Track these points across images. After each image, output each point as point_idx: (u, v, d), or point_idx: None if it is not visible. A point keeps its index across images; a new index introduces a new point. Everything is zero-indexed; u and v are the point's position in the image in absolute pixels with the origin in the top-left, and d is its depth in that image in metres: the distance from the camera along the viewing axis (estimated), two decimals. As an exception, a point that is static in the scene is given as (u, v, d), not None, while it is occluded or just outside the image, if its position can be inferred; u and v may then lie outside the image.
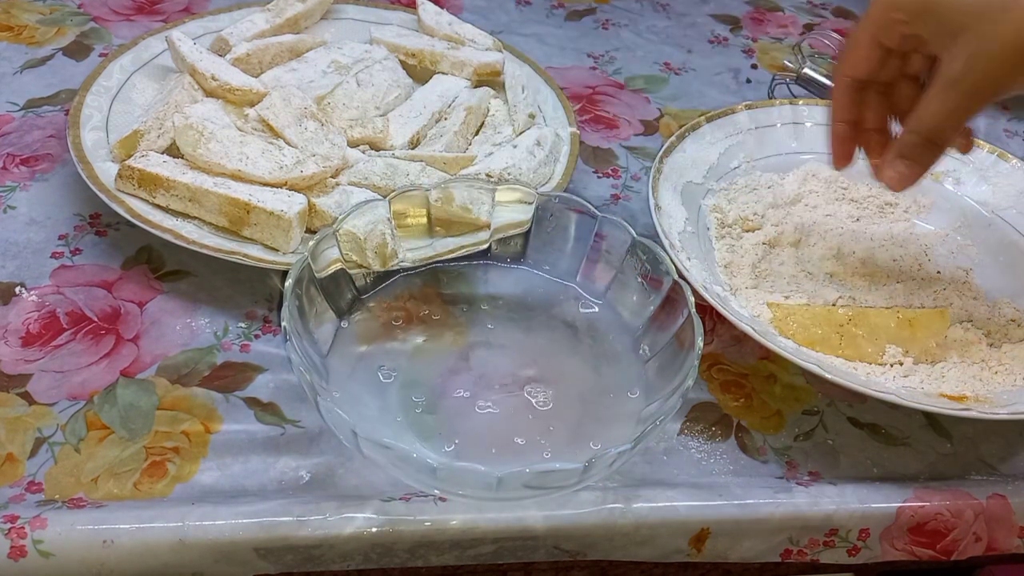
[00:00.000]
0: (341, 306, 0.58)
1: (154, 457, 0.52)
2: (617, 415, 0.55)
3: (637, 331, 0.59)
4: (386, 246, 0.59)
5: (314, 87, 0.71)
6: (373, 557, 0.51)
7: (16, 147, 0.69)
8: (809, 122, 0.77)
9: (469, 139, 0.71)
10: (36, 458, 0.51)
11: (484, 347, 0.58)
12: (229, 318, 0.60)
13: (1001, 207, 0.74)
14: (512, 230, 0.62)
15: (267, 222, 0.59)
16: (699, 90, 0.88)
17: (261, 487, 0.52)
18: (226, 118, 0.67)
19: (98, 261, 0.62)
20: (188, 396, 0.55)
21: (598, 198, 0.74)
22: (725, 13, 1.00)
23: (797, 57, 0.88)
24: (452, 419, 0.53)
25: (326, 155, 0.65)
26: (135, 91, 0.70)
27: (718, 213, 0.69)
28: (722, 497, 0.54)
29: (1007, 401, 0.58)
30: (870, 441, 0.59)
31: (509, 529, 0.51)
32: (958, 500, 0.56)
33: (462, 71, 0.75)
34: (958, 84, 0.54)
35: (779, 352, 0.57)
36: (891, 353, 0.60)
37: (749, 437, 0.58)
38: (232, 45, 0.73)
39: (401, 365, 0.56)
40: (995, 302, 0.67)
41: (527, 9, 0.95)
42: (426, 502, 0.51)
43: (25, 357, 0.56)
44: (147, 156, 0.62)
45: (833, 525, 0.55)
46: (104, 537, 0.47)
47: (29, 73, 0.77)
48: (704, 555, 0.54)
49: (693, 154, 0.71)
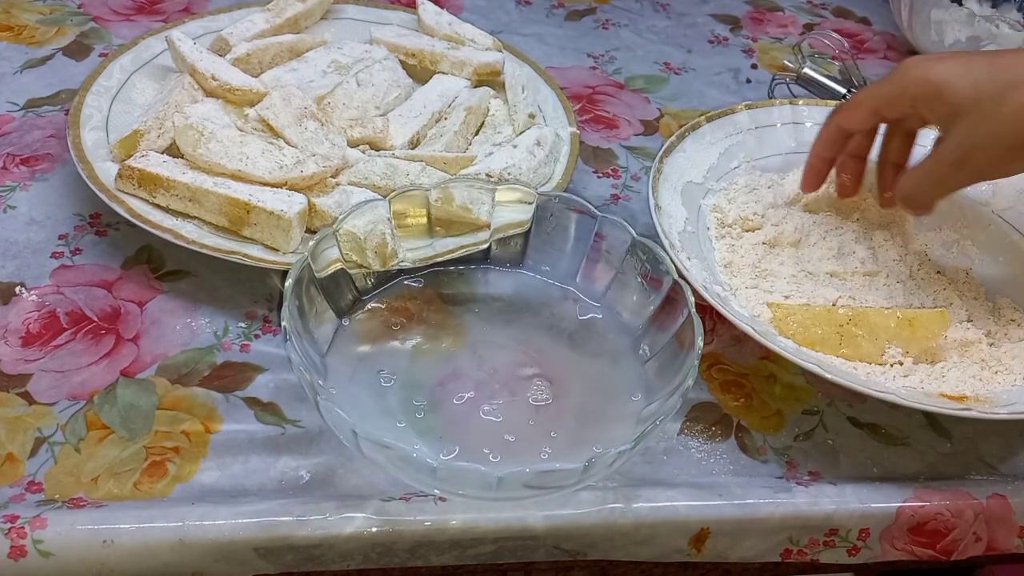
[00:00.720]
0: (341, 306, 0.58)
1: (154, 457, 0.52)
2: (617, 415, 0.55)
3: (637, 331, 0.59)
4: (386, 246, 0.59)
5: (314, 87, 0.71)
6: (373, 557, 0.51)
7: (16, 147, 0.69)
8: (809, 122, 0.77)
9: (469, 139, 0.71)
10: (36, 458, 0.51)
11: (484, 347, 0.58)
12: (229, 318, 0.60)
13: (1001, 207, 0.73)
14: (512, 230, 0.62)
15: (267, 222, 0.59)
16: (699, 90, 0.88)
17: (261, 487, 0.52)
18: (226, 118, 0.67)
19: (98, 261, 0.62)
20: (188, 396, 0.55)
21: (598, 198, 0.74)
22: (725, 13, 1.00)
23: (797, 57, 0.88)
24: (453, 422, 0.53)
25: (326, 155, 0.65)
26: (135, 91, 0.70)
27: (718, 213, 0.69)
28: (722, 497, 0.54)
29: (1007, 401, 0.58)
30: (870, 441, 0.59)
31: (509, 529, 0.51)
32: (958, 500, 0.56)
33: (462, 71, 0.75)
34: (944, 159, 0.58)
35: (779, 352, 0.57)
36: (891, 353, 0.60)
37: (749, 437, 0.58)
38: (232, 45, 0.73)
39: (401, 366, 0.56)
40: (995, 302, 0.67)
41: (527, 9, 0.95)
42: (426, 502, 0.51)
43: (25, 357, 0.56)
44: (147, 156, 0.62)
45: (833, 525, 0.55)
46: (104, 537, 0.47)
47: (29, 73, 0.77)
48: (704, 555, 0.54)
49: (693, 154, 0.71)
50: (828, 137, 0.66)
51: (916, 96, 0.59)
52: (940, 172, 0.59)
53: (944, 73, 0.58)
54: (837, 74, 0.87)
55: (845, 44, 0.90)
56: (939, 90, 0.57)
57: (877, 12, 1.05)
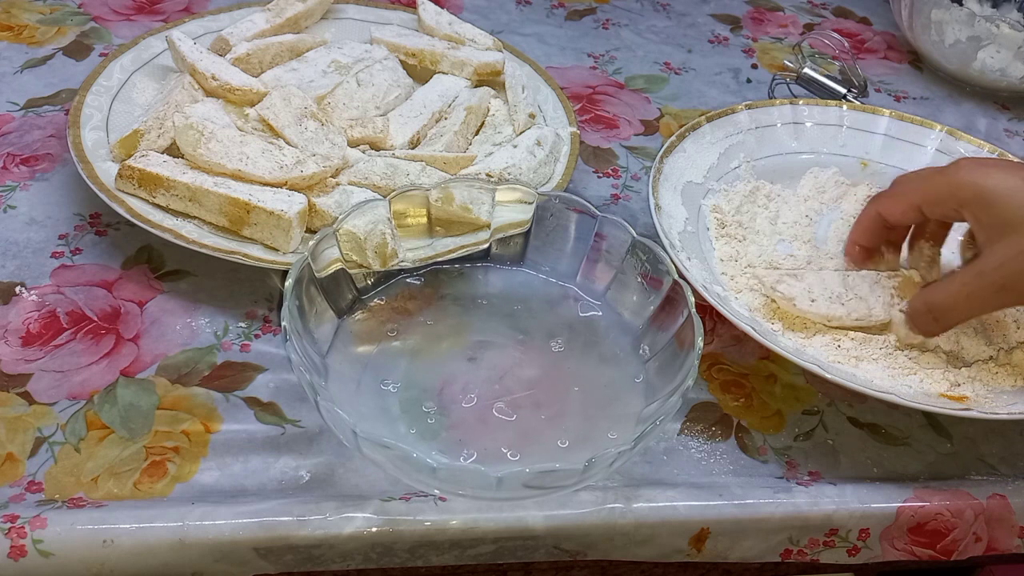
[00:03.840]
0: (341, 306, 0.58)
1: (154, 457, 0.52)
2: (617, 415, 0.55)
3: (637, 331, 0.59)
4: (386, 246, 0.59)
5: (314, 87, 0.71)
6: (373, 557, 0.51)
7: (16, 147, 0.69)
8: (809, 122, 0.77)
9: (469, 139, 0.71)
10: (36, 458, 0.51)
11: (484, 348, 0.58)
12: (229, 318, 0.60)
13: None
14: (512, 230, 0.62)
15: (267, 222, 0.59)
16: (699, 90, 0.88)
17: (261, 487, 0.52)
18: (226, 118, 0.67)
19: (98, 261, 0.62)
20: (188, 396, 0.55)
21: (598, 198, 0.74)
22: (725, 13, 1.00)
23: (797, 57, 0.88)
24: (466, 424, 0.53)
25: (326, 155, 0.65)
26: (135, 91, 0.70)
27: (718, 213, 0.69)
28: (722, 497, 0.54)
29: (1007, 401, 0.58)
30: (870, 441, 0.59)
31: (509, 529, 0.51)
32: (958, 500, 0.56)
33: (462, 71, 0.75)
34: (985, 276, 0.55)
35: (779, 352, 0.57)
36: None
37: (749, 437, 0.58)
38: (232, 45, 0.73)
39: (402, 368, 0.56)
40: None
41: (527, 9, 0.95)
42: (426, 502, 0.51)
43: (25, 357, 0.56)
44: (147, 156, 0.62)
45: (833, 525, 0.55)
46: (104, 537, 0.47)
47: (29, 73, 0.77)
48: (704, 555, 0.54)
49: (693, 154, 0.71)
50: (867, 226, 0.63)
51: (964, 201, 0.56)
52: (980, 291, 0.55)
53: (1000, 184, 0.54)
54: (837, 74, 0.87)
55: (845, 44, 0.90)
56: (990, 201, 0.54)
57: (877, 12, 1.05)
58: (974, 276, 0.56)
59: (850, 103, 0.80)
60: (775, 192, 0.72)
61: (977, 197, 0.55)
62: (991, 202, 0.54)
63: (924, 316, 0.59)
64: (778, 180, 0.73)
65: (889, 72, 0.95)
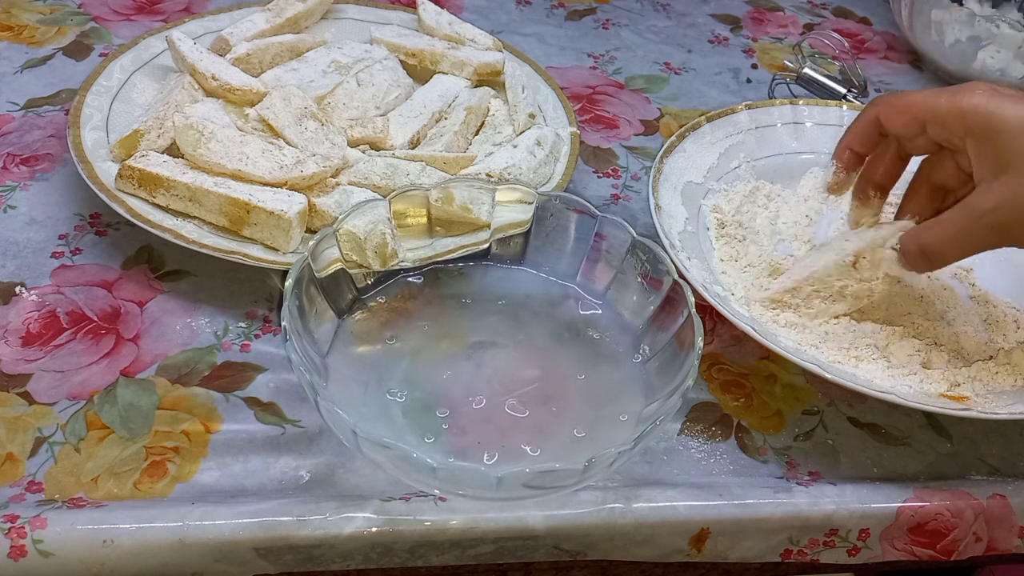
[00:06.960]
0: (341, 306, 0.58)
1: (154, 457, 0.52)
2: (617, 415, 0.55)
3: (637, 331, 0.59)
4: (386, 246, 0.59)
5: (314, 87, 0.71)
6: (373, 557, 0.51)
7: (16, 147, 0.69)
8: (809, 122, 0.77)
9: (469, 139, 0.71)
10: (36, 458, 0.51)
11: (484, 348, 0.58)
12: (229, 318, 0.60)
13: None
14: (512, 230, 0.62)
15: (267, 222, 0.59)
16: (699, 90, 0.88)
17: (261, 487, 0.52)
18: (226, 118, 0.67)
19: (98, 261, 0.62)
20: (188, 396, 0.55)
21: (598, 198, 0.74)
22: (725, 13, 1.00)
23: (797, 57, 0.88)
24: (478, 429, 0.53)
25: (326, 155, 0.65)
26: (135, 91, 0.70)
27: (718, 213, 0.69)
28: (722, 497, 0.54)
29: (1007, 401, 0.58)
30: (870, 441, 0.59)
31: (509, 529, 0.51)
32: (958, 500, 0.56)
33: (462, 71, 0.75)
34: (982, 218, 0.52)
35: (779, 352, 0.57)
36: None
37: (749, 437, 0.58)
38: (232, 45, 0.73)
39: (402, 369, 0.56)
40: (996, 302, 0.67)
41: (527, 9, 0.95)
42: (426, 502, 0.51)
43: (25, 357, 0.56)
44: (147, 156, 0.62)
45: (833, 525, 0.55)
46: (104, 537, 0.47)
47: (29, 73, 0.77)
48: (704, 555, 0.54)
49: (693, 154, 0.71)
50: (863, 130, 0.59)
51: (971, 127, 0.52)
52: (973, 232, 0.52)
53: (1013, 116, 0.51)
54: (837, 74, 0.87)
55: (845, 44, 0.90)
56: (998, 131, 0.51)
57: (877, 12, 1.05)
58: (967, 216, 0.52)
59: (850, 103, 0.80)
60: (775, 192, 0.72)
61: (985, 125, 0.51)
62: (999, 133, 0.51)
63: (916, 256, 0.57)
64: (778, 180, 0.73)
65: (889, 72, 0.95)
